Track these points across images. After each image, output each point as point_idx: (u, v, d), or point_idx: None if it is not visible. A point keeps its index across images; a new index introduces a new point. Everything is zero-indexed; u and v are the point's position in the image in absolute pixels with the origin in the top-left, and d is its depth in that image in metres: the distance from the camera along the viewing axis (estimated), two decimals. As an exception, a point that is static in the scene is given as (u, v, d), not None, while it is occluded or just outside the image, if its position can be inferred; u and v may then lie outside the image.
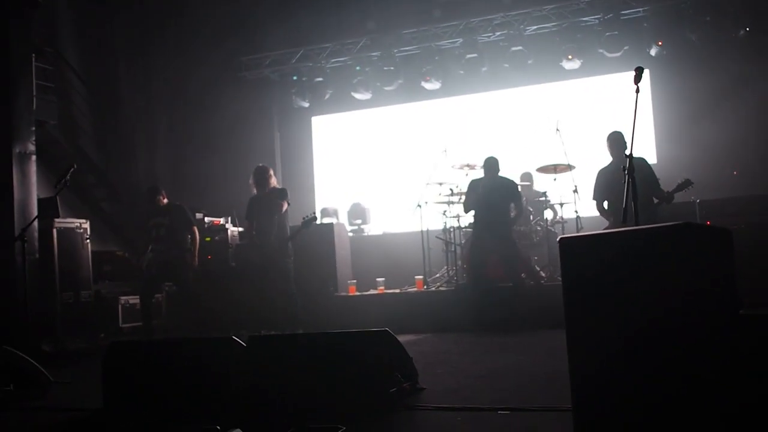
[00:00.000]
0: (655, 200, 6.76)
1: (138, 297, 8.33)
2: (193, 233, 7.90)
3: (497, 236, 7.83)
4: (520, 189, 8.36)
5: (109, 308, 8.53)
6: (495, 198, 7.90)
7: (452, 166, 9.32)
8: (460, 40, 11.11)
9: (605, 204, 7.01)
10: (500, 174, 8.07)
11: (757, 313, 2.73)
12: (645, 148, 9.97)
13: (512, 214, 8.05)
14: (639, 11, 10.28)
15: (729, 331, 2.12)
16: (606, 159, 7.08)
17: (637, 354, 2.07)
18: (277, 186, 8.24)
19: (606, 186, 6.88)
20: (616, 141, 6.82)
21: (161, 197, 7.98)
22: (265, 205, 7.83)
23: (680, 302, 1.99)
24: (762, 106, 9.69)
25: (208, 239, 9.05)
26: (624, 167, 3.90)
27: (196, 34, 12.03)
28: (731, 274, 2.21)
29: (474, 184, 8.15)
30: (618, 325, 2.12)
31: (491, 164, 8.03)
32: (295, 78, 12.03)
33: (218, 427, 2.85)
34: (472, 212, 8.19)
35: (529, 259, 8.61)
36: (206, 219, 9.35)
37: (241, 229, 9.25)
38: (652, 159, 9.81)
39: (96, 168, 11.19)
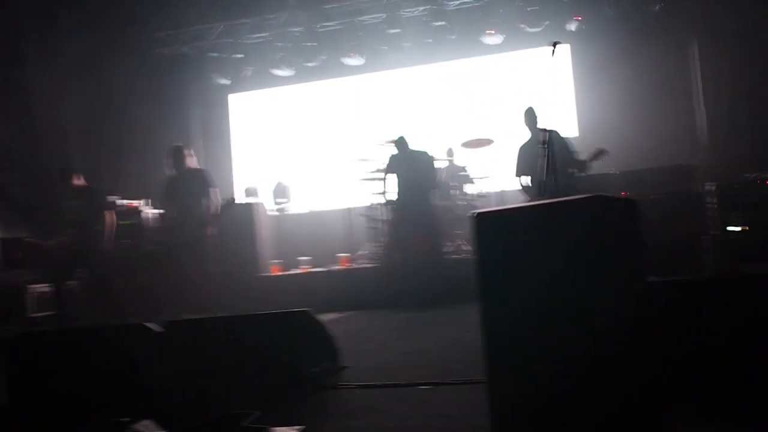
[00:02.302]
0: (571, 171, 6.88)
1: (47, 285, 7.96)
2: (104, 217, 7.58)
3: (418, 211, 7.83)
4: (435, 162, 8.34)
5: (18, 297, 8.12)
6: (413, 173, 7.89)
7: (377, 143, 9.27)
8: (383, 15, 11.02)
9: (528, 180, 7.09)
10: (412, 148, 8.05)
11: (664, 281, 2.80)
12: (567, 121, 10.16)
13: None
14: (559, -14, 10.41)
15: (636, 298, 2.14)
16: (527, 134, 7.15)
17: (546, 325, 2.08)
18: (196, 166, 7.99)
19: (526, 161, 6.96)
20: (531, 115, 6.91)
21: (74, 178, 7.62)
22: (184, 186, 7.57)
23: (588, 272, 2.01)
24: (678, 78, 10.01)
25: (126, 222, 8.72)
26: (543, 141, 3.92)
27: (109, 9, 11.50)
28: (639, 243, 2.23)
29: (391, 158, 8.13)
30: (528, 298, 2.13)
31: (400, 142, 8.06)
32: (214, 55, 11.70)
33: (127, 419, 2.71)
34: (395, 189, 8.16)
35: (451, 233, 8.66)
36: (120, 202, 9.01)
37: (157, 211, 8.95)
38: (573, 132, 10.03)
39: (2, 150, 10.62)
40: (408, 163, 7.92)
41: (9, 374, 4.08)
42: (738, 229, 7.17)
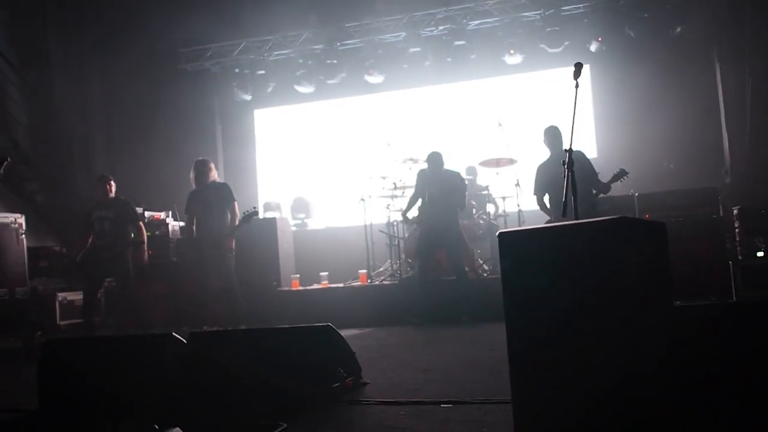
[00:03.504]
0: (594, 191, 6.90)
1: (75, 293, 8.09)
2: (140, 228, 7.73)
3: (445, 229, 7.85)
4: (465, 182, 8.37)
5: (46, 305, 8.24)
6: (442, 191, 7.89)
7: (396, 160, 9.33)
8: (403, 33, 11.13)
9: (546, 198, 7.11)
10: (445, 167, 8.09)
11: (692, 305, 2.81)
12: (586, 142, 10.18)
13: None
14: (579, 7, 10.48)
15: (664, 322, 2.17)
16: (546, 153, 7.19)
17: (574, 346, 2.09)
18: (218, 180, 8.10)
19: (546, 180, 6.98)
20: (553, 135, 6.93)
21: (109, 187, 7.77)
22: (206, 200, 7.69)
23: (616, 294, 2.02)
24: (698, 101, 9.99)
25: (149, 234, 8.85)
26: (564, 161, 3.95)
27: (135, 25, 11.71)
28: (666, 266, 2.25)
29: (420, 175, 8.16)
30: (555, 318, 2.14)
31: (435, 158, 8.02)
32: (237, 71, 11.86)
33: (156, 426, 2.77)
34: (418, 205, 8.19)
35: (473, 252, 8.68)
36: (147, 213, 9.15)
37: (182, 223, 9.08)
38: (592, 153, 10.03)
39: (30, 161, 10.82)
40: (439, 181, 7.92)
41: (40, 381, 4.16)
42: (764, 254, 7.13)
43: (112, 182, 7.83)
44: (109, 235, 7.58)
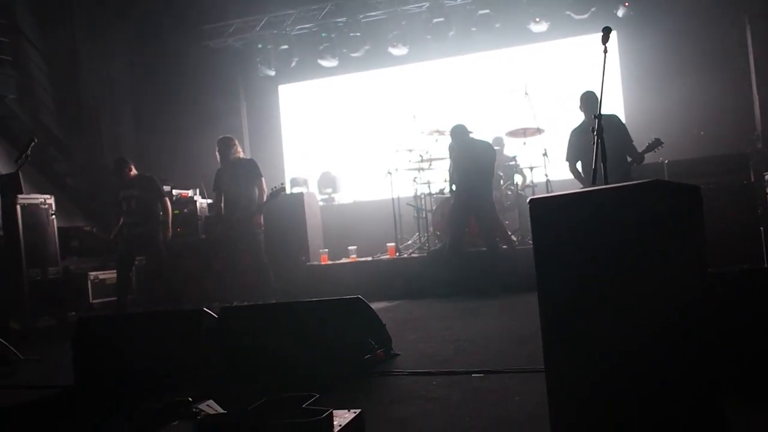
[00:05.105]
0: (628, 159, 6.78)
1: (107, 272, 8.22)
2: (165, 204, 7.79)
3: (477, 199, 7.80)
4: (495, 151, 8.29)
5: (79, 284, 8.40)
6: (473, 161, 7.84)
7: (422, 132, 9.28)
8: (427, 4, 10.98)
9: (578, 165, 7.01)
10: (473, 137, 8.02)
11: (725, 272, 2.77)
12: (613, 109, 10.02)
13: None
14: (606, -28, 10.25)
15: (699, 288, 2.13)
16: (577, 120, 7.07)
17: (607, 312, 2.07)
18: (244, 156, 8.13)
19: (578, 147, 6.88)
20: (588, 100, 6.79)
21: (128, 169, 7.84)
22: (233, 176, 7.72)
23: (650, 260, 2.00)
24: (730, 64, 9.78)
25: (176, 212, 8.94)
26: (593, 128, 3.89)
27: (157, 3, 11.74)
28: (701, 231, 2.21)
29: (451, 148, 8.12)
30: (588, 284, 2.12)
31: (459, 130, 7.98)
32: (260, 46, 11.83)
33: (190, 399, 2.81)
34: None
35: (503, 223, 8.64)
36: (174, 191, 9.23)
37: (210, 201, 9.14)
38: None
39: (58, 142, 10.95)
40: (469, 152, 7.86)
41: (75, 358, 4.24)
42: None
43: (130, 164, 7.89)
44: (136, 213, 7.66)
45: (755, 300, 2.84)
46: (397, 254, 9.00)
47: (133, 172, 7.89)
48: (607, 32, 4.07)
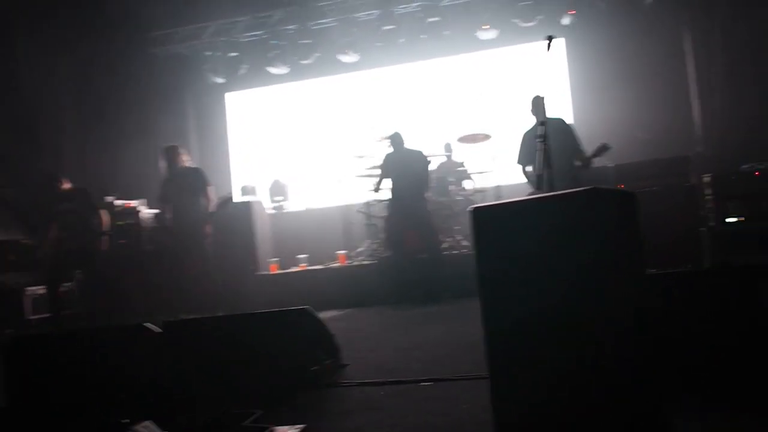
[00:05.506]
0: (577, 163, 6.84)
1: (44, 287, 7.94)
2: (103, 215, 7.56)
3: (411, 208, 7.82)
4: (428, 159, 8.29)
5: (15, 300, 8.09)
6: (404, 170, 7.86)
7: (372, 139, 9.26)
8: (377, 11, 10.98)
9: (531, 168, 7.03)
10: (407, 146, 8.03)
11: (664, 273, 2.79)
12: (563, 114, 10.16)
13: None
14: (551, -20, 10.40)
15: (636, 291, 2.14)
16: (528, 124, 7.10)
17: (547, 320, 2.06)
18: (190, 164, 7.96)
19: (530, 149, 6.90)
20: (537, 105, 6.84)
21: (59, 183, 7.59)
22: (180, 186, 7.55)
23: (587, 265, 1.99)
24: (672, 70, 10.03)
25: (121, 223, 8.71)
26: (537, 135, 3.90)
27: (102, 9, 11.45)
28: (638, 236, 2.22)
29: (386, 157, 8.11)
30: (528, 291, 2.11)
31: (396, 138, 8.02)
32: (208, 53, 11.66)
33: (127, 420, 2.70)
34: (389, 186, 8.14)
35: (450, 228, 8.64)
36: (117, 202, 8.99)
37: (155, 211, 8.93)
38: (569, 125, 10.00)
39: (-6, 151, 10.57)
40: (402, 162, 7.89)
41: (6, 377, 4.06)
42: (735, 220, 7.18)
43: (62, 179, 7.65)
44: (72, 226, 7.42)
45: (696, 301, 2.87)
46: (348, 262, 8.93)
47: (67, 185, 7.64)
48: (550, 40, 4.08)
